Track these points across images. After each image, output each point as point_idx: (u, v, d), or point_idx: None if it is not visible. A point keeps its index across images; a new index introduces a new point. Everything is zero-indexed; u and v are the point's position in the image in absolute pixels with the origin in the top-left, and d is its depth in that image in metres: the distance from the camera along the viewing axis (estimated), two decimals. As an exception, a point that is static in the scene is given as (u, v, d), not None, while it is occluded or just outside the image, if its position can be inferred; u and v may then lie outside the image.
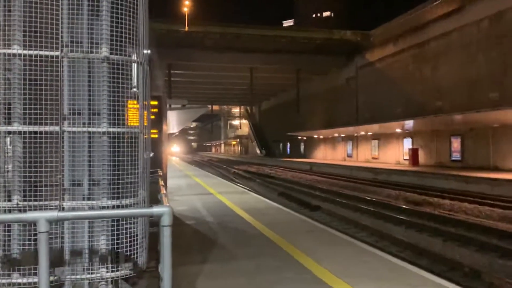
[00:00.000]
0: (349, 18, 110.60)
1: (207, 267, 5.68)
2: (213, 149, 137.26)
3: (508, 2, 23.11)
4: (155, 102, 9.66)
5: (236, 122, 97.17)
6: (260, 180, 28.52)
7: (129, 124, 3.58)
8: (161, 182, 5.79)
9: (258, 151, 73.15)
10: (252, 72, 43.37)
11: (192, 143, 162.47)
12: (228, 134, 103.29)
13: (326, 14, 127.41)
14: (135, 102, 3.63)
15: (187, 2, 41.53)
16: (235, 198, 13.17)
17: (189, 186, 18.06)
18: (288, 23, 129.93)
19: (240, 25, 39.66)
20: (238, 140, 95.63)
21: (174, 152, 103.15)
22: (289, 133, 51.42)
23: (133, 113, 3.69)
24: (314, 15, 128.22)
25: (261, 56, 38.88)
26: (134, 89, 3.65)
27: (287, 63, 40.71)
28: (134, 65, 3.57)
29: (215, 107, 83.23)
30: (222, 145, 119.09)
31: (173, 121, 24.77)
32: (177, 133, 45.03)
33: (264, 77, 47.61)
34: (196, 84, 52.65)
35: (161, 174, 7.35)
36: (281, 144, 62.84)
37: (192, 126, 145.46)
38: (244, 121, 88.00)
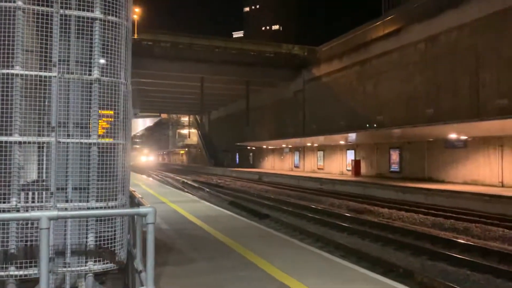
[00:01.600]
0: (297, 33, 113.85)
1: (168, 268, 6.09)
2: (160, 158, 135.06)
3: (440, 27, 25.13)
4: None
5: (185, 131, 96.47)
6: (210, 189, 28.85)
7: (106, 135, 4.02)
8: (132, 189, 6.17)
9: (207, 161, 73.02)
10: (203, 82, 43.71)
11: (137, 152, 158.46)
12: (176, 143, 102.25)
13: (275, 27, 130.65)
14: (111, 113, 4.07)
15: (136, 10, 41.41)
16: (187, 207, 13.48)
17: (140, 195, 18.11)
18: (238, 34, 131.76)
19: (191, 35, 40.07)
20: (186, 149, 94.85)
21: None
22: (238, 143, 52.01)
23: (108, 126, 4.12)
24: (263, 28, 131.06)
25: (212, 67, 39.21)
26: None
27: (237, 74, 41.25)
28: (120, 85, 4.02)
29: (164, 116, 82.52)
30: (170, 154, 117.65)
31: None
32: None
33: (214, 87, 47.97)
34: (146, 92, 52.18)
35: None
36: (230, 154, 63.28)
37: (138, 134, 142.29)
38: (193, 130, 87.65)
